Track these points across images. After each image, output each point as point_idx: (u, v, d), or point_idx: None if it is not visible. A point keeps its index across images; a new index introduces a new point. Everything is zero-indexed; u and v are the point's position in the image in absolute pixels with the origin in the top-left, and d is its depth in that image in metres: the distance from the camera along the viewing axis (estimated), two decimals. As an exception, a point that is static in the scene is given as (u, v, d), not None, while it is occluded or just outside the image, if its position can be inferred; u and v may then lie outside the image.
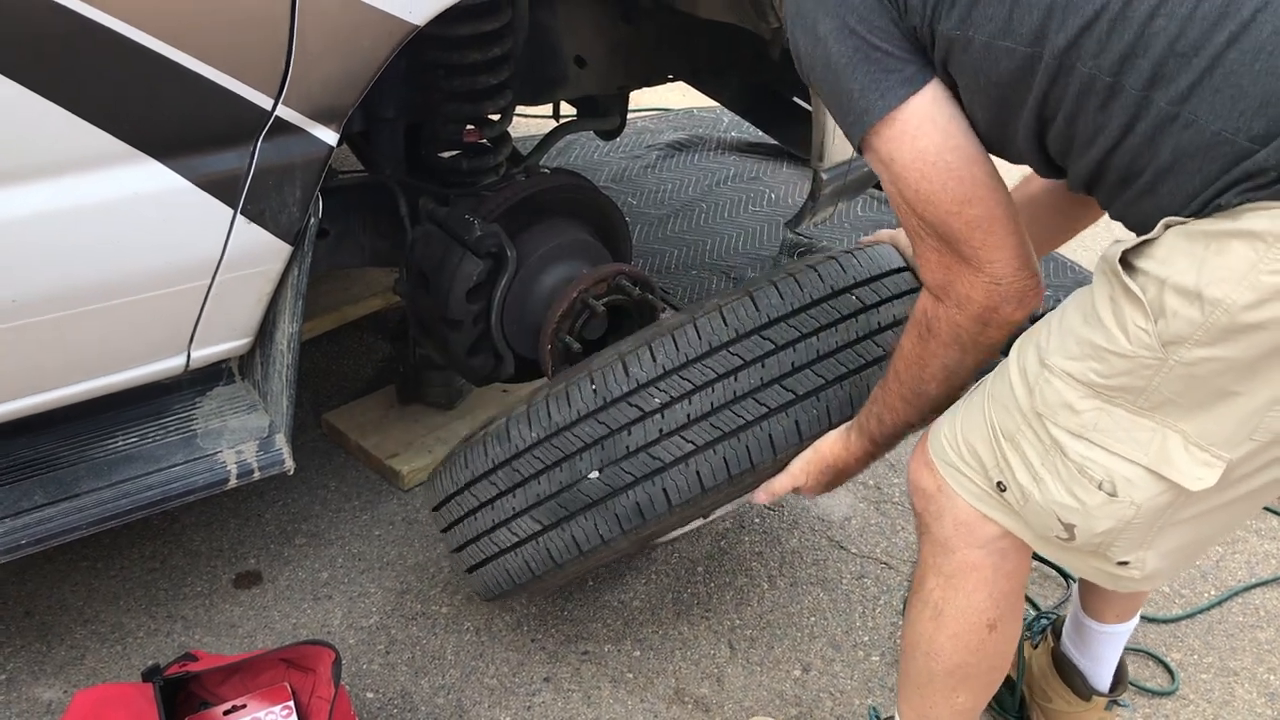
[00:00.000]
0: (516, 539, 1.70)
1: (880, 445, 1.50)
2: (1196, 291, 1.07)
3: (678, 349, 1.58)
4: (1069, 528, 1.26)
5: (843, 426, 1.55)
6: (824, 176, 2.33)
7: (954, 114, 1.26)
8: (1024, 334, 1.31)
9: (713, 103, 3.07)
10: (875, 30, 1.25)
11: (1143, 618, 2.10)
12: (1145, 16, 1.08)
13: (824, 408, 1.60)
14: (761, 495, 1.64)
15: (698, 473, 1.58)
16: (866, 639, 2.05)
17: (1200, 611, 2.13)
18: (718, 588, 2.16)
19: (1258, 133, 1.04)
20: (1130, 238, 1.16)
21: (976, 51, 1.20)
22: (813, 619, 2.09)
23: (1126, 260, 1.14)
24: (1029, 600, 2.13)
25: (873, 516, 2.34)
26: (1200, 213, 1.09)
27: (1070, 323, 1.22)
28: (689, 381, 1.57)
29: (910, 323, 1.39)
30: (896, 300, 1.70)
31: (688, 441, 1.57)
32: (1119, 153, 1.14)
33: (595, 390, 1.59)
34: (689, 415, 1.57)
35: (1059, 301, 1.31)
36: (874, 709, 1.88)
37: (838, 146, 2.30)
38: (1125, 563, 1.28)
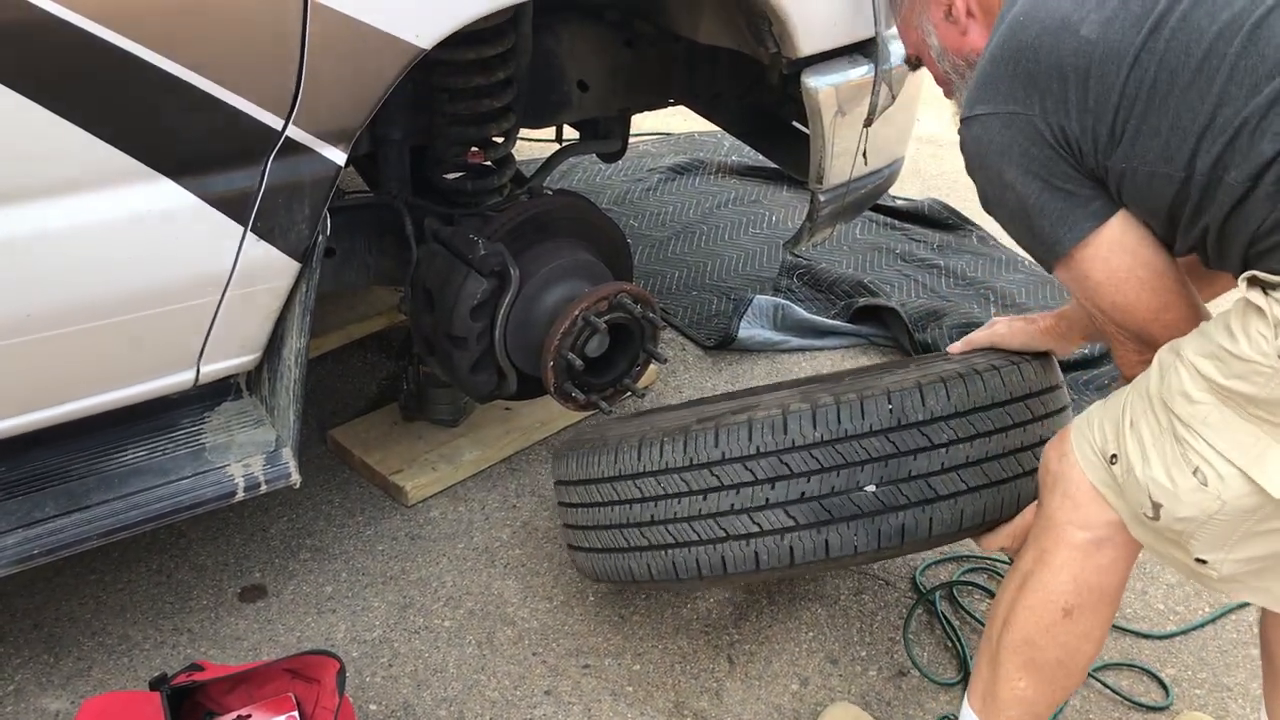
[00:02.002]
0: (757, 529, 1.69)
1: None
2: None
3: (968, 394, 1.68)
4: (1156, 506, 1.34)
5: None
6: (821, 199, 2.38)
7: (1142, 236, 1.40)
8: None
9: (713, 126, 3.11)
10: (1056, 174, 1.39)
11: (1138, 634, 2.12)
12: (1279, 125, 1.21)
13: None
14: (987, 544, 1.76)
15: (961, 511, 1.68)
16: (864, 654, 2.07)
17: (1195, 628, 2.14)
18: (717, 603, 2.18)
19: None
20: None
21: (1141, 180, 1.34)
22: (811, 634, 2.11)
23: (1262, 284, 1.26)
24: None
25: (870, 533, 2.37)
26: None
27: (1209, 327, 1.33)
28: (973, 427, 1.68)
29: None
30: None
31: (962, 481, 1.68)
32: (1259, 236, 1.28)
33: (892, 410, 1.66)
34: (968, 457, 1.67)
35: None
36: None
37: (835, 169, 2.34)
38: (1203, 560, 1.35)
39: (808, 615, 2.15)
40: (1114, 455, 1.39)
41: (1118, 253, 1.40)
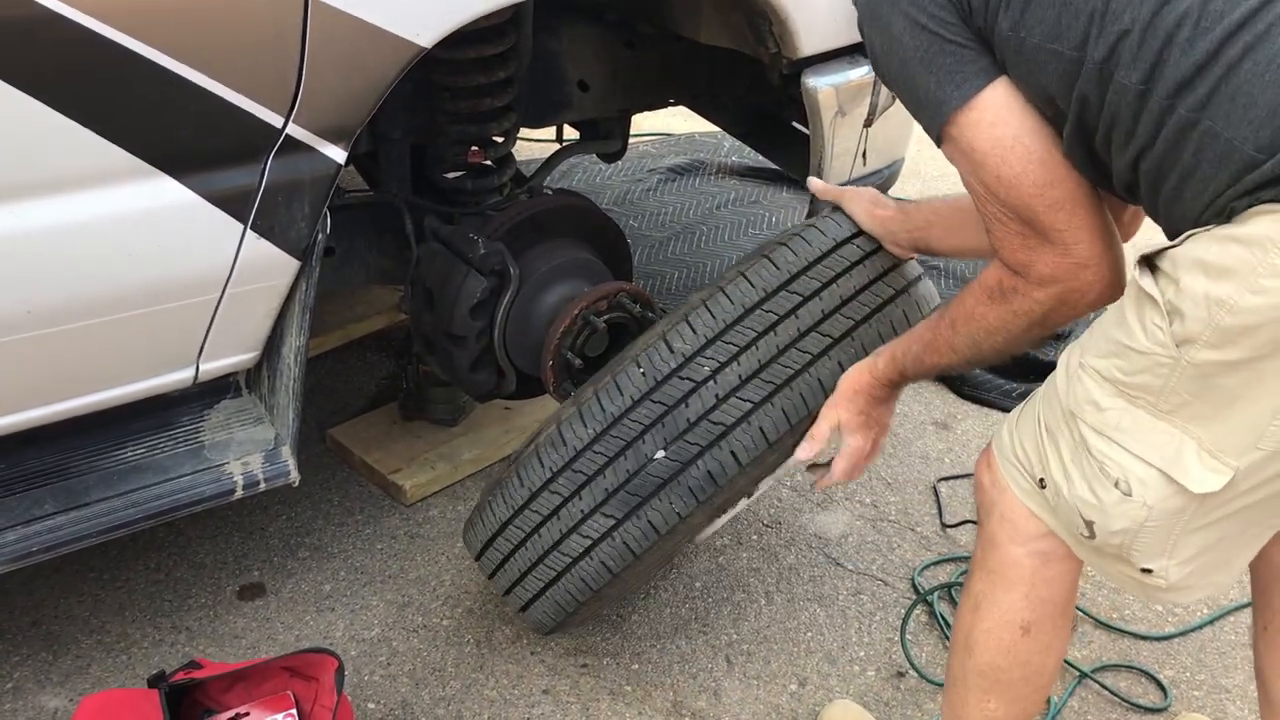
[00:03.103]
0: (590, 541, 1.70)
1: (909, 379, 1.58)
2: (1204, 294, 1.12)
3: (714, 317, 1.63)
4: (1089, 525, 1.31)
5: (868, 358, 1.62)
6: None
7: (1028, 102, 1.31)
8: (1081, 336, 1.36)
9: (714, 127, 3.11)
10: (947, 26, 1.32)
11: (1137, 635, 2.12)
12: (1172, 26, 1.13)
13: (858, 345, 1.69)
14: (803, 451, 1.66)
15: (760, 429, 1.64)
16: (862, 654, 2.07)
17: (1193, 629, 2.15)
18: (715, 603, 2.18)
19: (1264, 143, 1.08)
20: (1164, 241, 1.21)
21: (1029, 53, 1.26)
22: (809, 634, 2.11)
23: (1152, 263, 1.19)
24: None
25: (869, 534, 2.37)
26: (1218, 218, 1.14)
27: (1104, 323, 1.28)
28: (732, 345, 1.63)
29: (978, 284, 1.42)
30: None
31: (745, 401, 1.63)
32: (1148, 158, 1.19)
33: (644, 373, 1.63)
34: (740, 376, 1.63)
35: None
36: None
37: (835, 170, 2.34)
38: (1149, 570, 1.31)
39: (806, 615, 2.15)
40: (1041, 479, 1.36)
41: (1005, 115, 1.30)
